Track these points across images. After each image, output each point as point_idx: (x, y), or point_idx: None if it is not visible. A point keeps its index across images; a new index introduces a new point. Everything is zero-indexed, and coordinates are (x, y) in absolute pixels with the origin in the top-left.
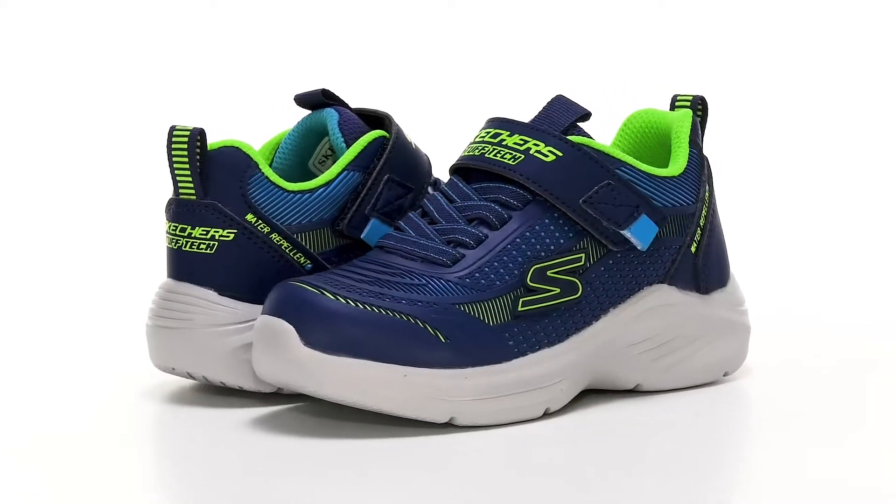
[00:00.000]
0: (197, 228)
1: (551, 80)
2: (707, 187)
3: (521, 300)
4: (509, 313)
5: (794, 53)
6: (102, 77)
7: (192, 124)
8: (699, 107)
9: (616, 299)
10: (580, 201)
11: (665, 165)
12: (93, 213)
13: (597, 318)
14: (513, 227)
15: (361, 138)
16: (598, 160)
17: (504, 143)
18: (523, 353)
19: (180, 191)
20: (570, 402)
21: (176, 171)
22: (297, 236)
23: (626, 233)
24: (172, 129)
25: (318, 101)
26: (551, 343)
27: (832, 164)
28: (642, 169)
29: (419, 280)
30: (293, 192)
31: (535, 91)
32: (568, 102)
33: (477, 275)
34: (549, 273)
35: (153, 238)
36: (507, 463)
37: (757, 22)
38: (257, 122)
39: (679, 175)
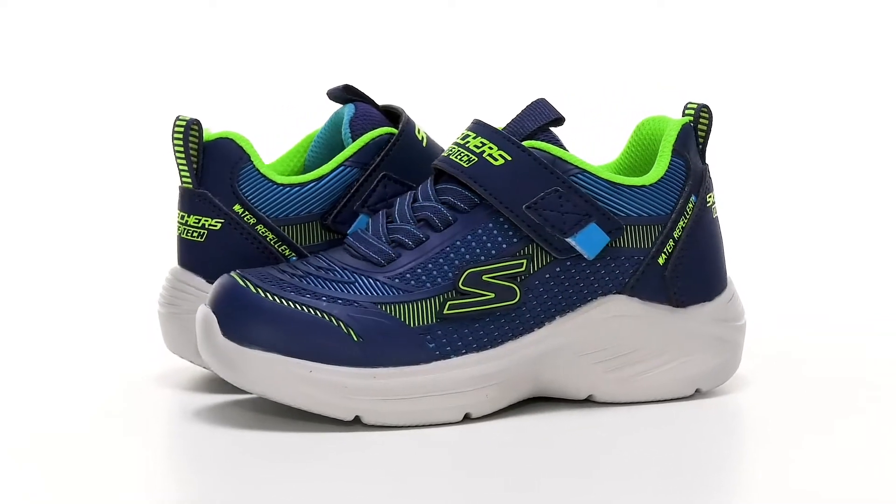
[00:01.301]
0: (192, 216)
1: (569, 82)
2: (694, 198)
3: (448, 303)
4: (434, 315)
5: (798, 54)
6: (129, 67)
7: (209, 116)
8: (702, 116)
9: (564, 307)
10: (523, 206)
11: None
12: (103, 204)
13: (540, 325)
14: (455, 229)
15: (364, 135)
16: (547, 166)
17: (467, 145)
18: (445, 357)
19: (182, 179)
20: (511, 409)
21: (177, 160)
22: (284, 229)
23: (572, 241)
24: (175, 119)
25: (343, 96)
26: (480, 348)
27: (834, 168)
28: (602, 177)
29: (348, 278)
30: (283, 185)
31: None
32: (544, 106)
33: (408, 275)
34: (484, 277)
35: (160, 227)
36: (393, 464)
37: (759, 23)
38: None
39: (653, 184)
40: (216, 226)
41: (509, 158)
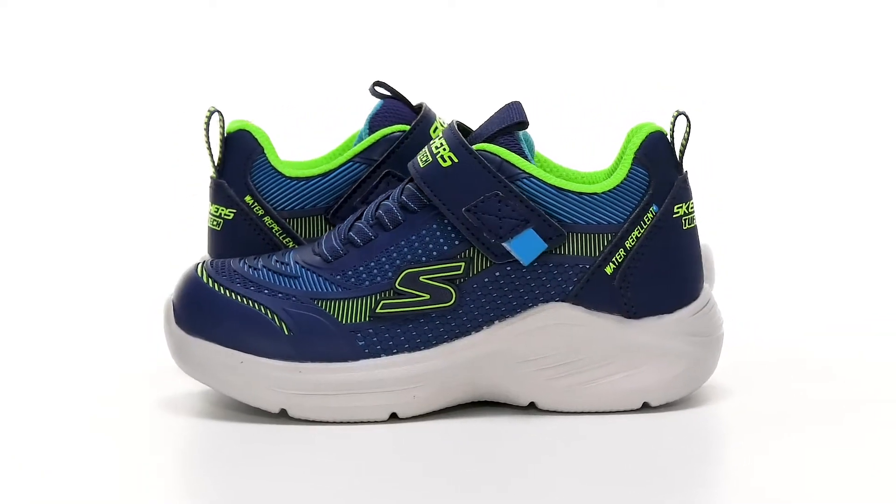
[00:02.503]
0: (213, 206)
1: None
2: (655, 208)
3: (382, 302)
4: (367, 314)
5: (799, 54)
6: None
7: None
8: (675, 122)
9: (503, 312)
10: (463, 209)
11: None
12: (118, 199)
13: (477, 328)
14: (402, 230)
15: (376, 133)
16: (491, 169)
17: (432, 146)
18: (375, 355)
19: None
20: (447, 412)
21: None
22: (289, 221)
23: (507, 246)
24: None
25: (377, 92)
26: (412, 349)
27: (835, 168)
28: (549, 182)
29: (295, 272)
30: (291, 178)
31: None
32: (514, 109)
33: (349, 273)
34: (421, 278)
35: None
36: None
37: (759, 22)
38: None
39: (606, 192)
40: (229, 216)
41: (456, 160)
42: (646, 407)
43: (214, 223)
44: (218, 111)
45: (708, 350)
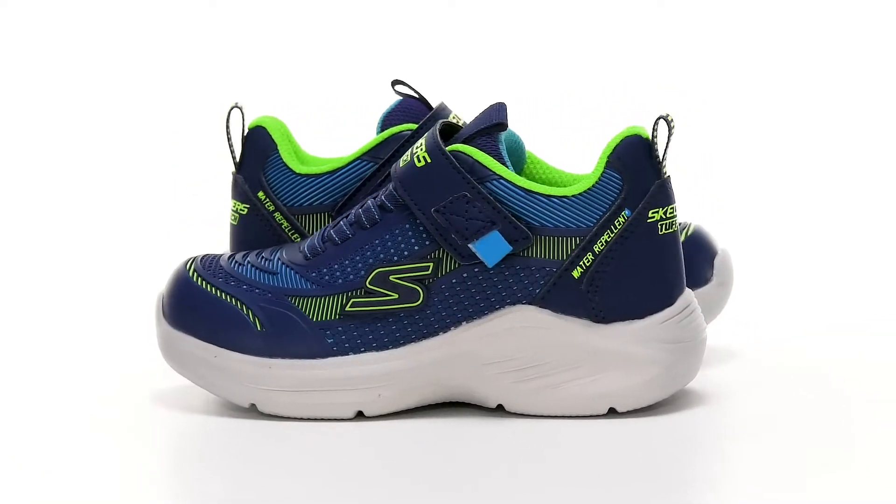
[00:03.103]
0: (233, 200)
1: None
2: (627, 213)
3: (351, 300)
4: (337, 312)
5: (801, 53)
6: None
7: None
8: (656, 127)
9: (471, 314)
10: (432, 209)
11: None
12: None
13: (445, 329)
14: (378, 229)
15: (386, 131)
16: (461, 170)
17: (414, 146)
18: (343, 353)
19: None
20: (414, 412)
21: None
22: (298, 218)
23: (473, 247)
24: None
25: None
26: (380, 347)
27: (838, 168)
28: (518, 184)
29: (275, 269)
30: (301, 175)
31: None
32: (497, 111)
33: (325, 270)
34: (391, 278)
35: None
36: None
37: (760, 22)
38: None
39: (576, 195)
40: (244, 211)
41: (429, 161)
42: (612, 413)
43: (233, 218)
44: (239, 107)
45: (682, 357)
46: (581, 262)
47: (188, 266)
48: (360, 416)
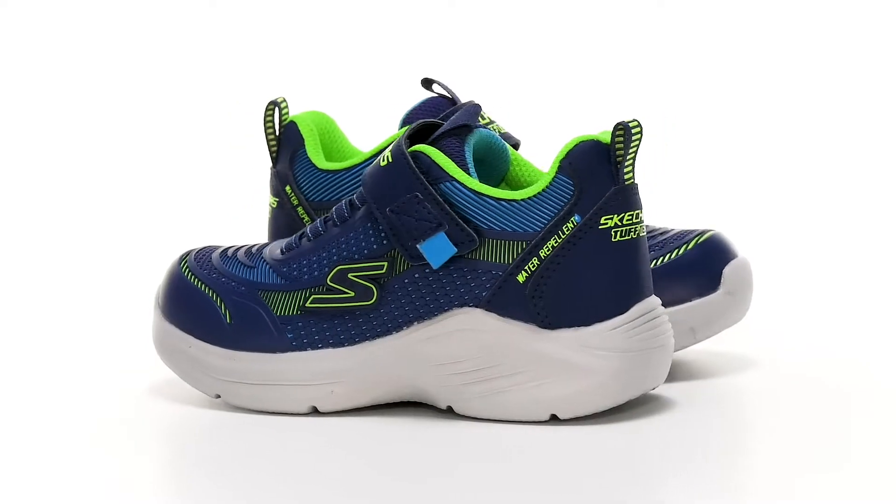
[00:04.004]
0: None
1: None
2: (577, 218)
3: (312, 297)
4: (298, 307)
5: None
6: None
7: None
8: (617, 134)
9: (422, 314)
10: (388, 209)
11: None
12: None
13: (398, 328)
14: (345, 226)
15: (404, 127)
16: (416, 171)
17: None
18: (302, 348)
19: None
20: (372, 409)
21: None
22: (319, 213)
23: (420, 248)
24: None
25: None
26: (336, 344)
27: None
28: (471, 187)
29: (254, 262)
30: (323, 171)
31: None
32: (469, 111)
33: (294, 265)
34: (349, 276)
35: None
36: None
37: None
38: None
39: (525, 199)
40: (274, 204)
41: (390, 161)
42: (555, 419)
43: (269, 211)
44: (277, 103)
45: (631, 365)
46: (526, 267)
47: (182, 257)
48: (315, 412)
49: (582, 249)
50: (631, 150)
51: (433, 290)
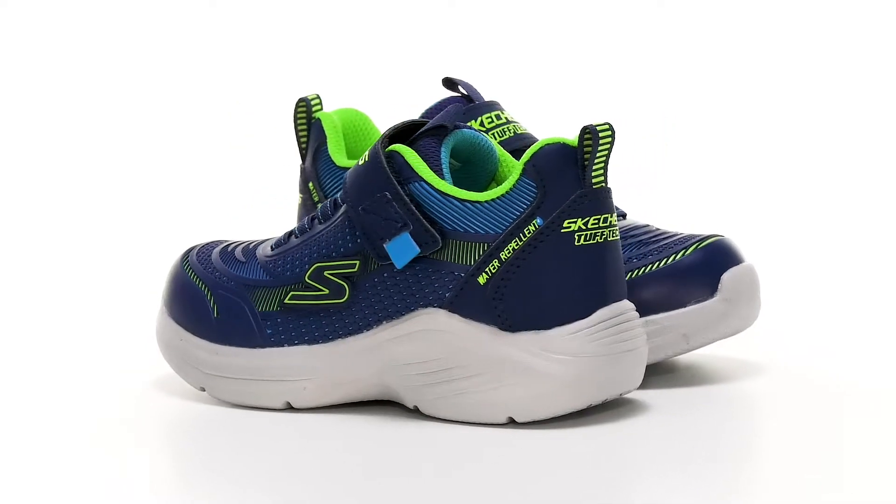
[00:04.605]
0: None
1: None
2: (539, 221)
3: (290, 293)
4: (277, 303)
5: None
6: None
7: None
8: (586, 138)
9: (391, 314)
10: (360, 208)
11: None
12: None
13: (368, 327)
14: (327, 224)
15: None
16: (387, 171)
17: None
18: (280, 344)
19: None
20: (345, 407)
21: None
22: None
23: (387, 247)
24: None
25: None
26: (312, 341)
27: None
28: (438, 188)
29: (246, 258)
30: (341, 168)
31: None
32: (450, 113)
33: (279, 262)
34: (325, 273)
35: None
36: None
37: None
38: None
39: (488, 201)
40: (300, 200)
41: (367, 160)
42: (512, 422)
43: (298, 207)
44: (307, 100)
45: (591, 370)
46: (487, 269)
47: (187, 252)
48: (290, 407)
49: (543, 252)
50: (600, 154)
51: (400, 290)
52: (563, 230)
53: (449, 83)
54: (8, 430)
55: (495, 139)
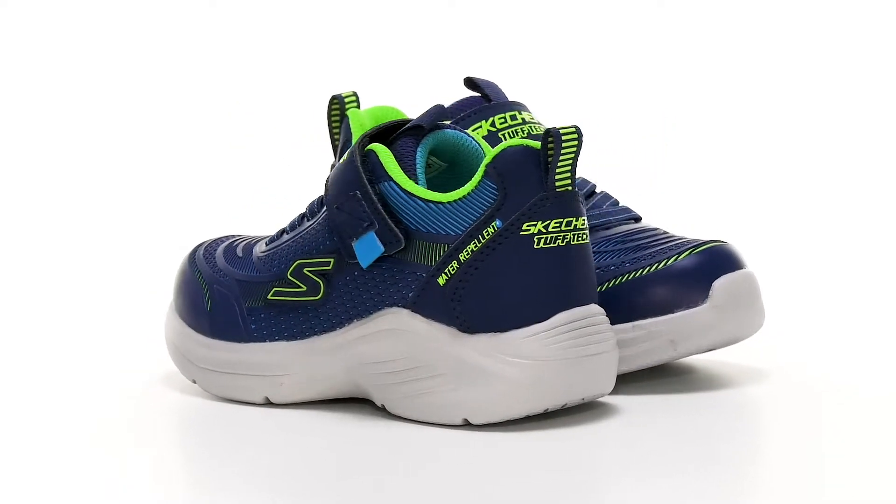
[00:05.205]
0: None
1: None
2: (498, 223)
3: (273, 289)
4: (262, 299)
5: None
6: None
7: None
8: (549, 140)
9: (360, 312)
10: (335, 206)
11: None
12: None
13: (340, 325)
14: (313, 221)
15: None
16: (359, 170)
17: None
18: (261, 340)
19: None
20: (328, 404)
21: None
22: None
23: (354, 246)
24: None
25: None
26: (290, 338)
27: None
28: (404, 188)
29: (245, 255)
30: None
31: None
32: (431, 113)
33: (269, 257)
34: (304, 270)
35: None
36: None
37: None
38: None
39: (451, 202)
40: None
41: (345, 159)
42: (468, 424)
43: None
44: (340, 98)
45: (546, 374)
46: (446, 270)
47: (197, 247)
48: (269, 403)
49: (501, 255)
50: (564, 157)
51: (368, 289)
52: (521, 233)
53: (471, 83)
54: (8, 430)
55: (506, 139)
